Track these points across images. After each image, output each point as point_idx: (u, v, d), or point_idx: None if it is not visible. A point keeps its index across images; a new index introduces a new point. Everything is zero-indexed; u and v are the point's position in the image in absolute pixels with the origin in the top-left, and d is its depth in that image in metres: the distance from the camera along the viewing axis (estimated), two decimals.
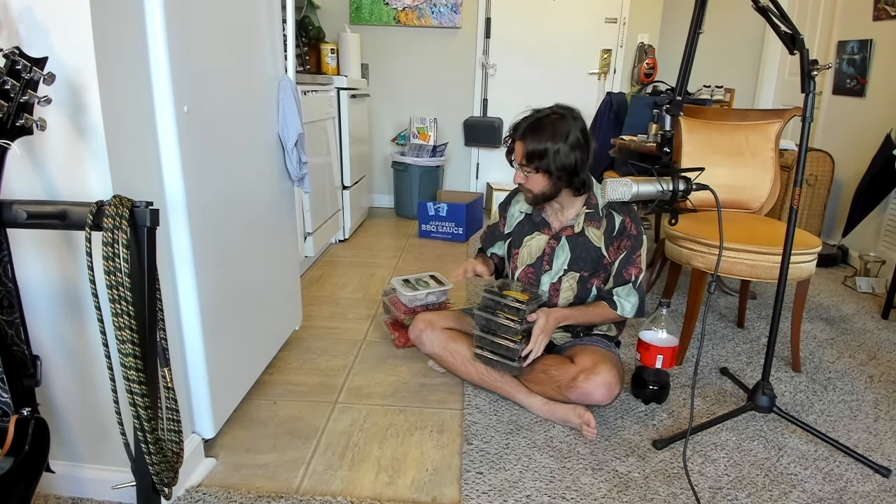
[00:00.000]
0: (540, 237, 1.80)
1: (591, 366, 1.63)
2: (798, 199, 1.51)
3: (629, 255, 1.74)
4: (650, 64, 4.20)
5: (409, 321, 2.13)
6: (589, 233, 1.75)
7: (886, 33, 3.11)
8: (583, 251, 1.75)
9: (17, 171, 1.07)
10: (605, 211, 1.75)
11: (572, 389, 1.64)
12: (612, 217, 1.74)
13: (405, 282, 2.21)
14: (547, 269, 1.79)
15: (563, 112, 1.66)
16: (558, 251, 1.77)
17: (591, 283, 1.78)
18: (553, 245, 1.78)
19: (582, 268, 1.76)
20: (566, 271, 1.77)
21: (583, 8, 4.23)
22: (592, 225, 1.75)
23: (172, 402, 1.12)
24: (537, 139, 1.62)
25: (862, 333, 2.40)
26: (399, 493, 1.40)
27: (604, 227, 1.74)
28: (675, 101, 1.58)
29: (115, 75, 1.07)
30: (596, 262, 1.75)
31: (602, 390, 1.61)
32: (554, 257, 1.78)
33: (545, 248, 1.79)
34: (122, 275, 0.95)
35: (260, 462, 1.48)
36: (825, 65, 1.43)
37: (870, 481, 1.49)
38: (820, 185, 3.23)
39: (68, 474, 1.29)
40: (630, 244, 1.74)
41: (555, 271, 1.78)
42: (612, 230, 1.74)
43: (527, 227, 1.83)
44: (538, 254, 1.80)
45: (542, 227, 1.80)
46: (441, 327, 1.84)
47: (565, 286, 1.79)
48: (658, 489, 1.44)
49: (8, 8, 0.99)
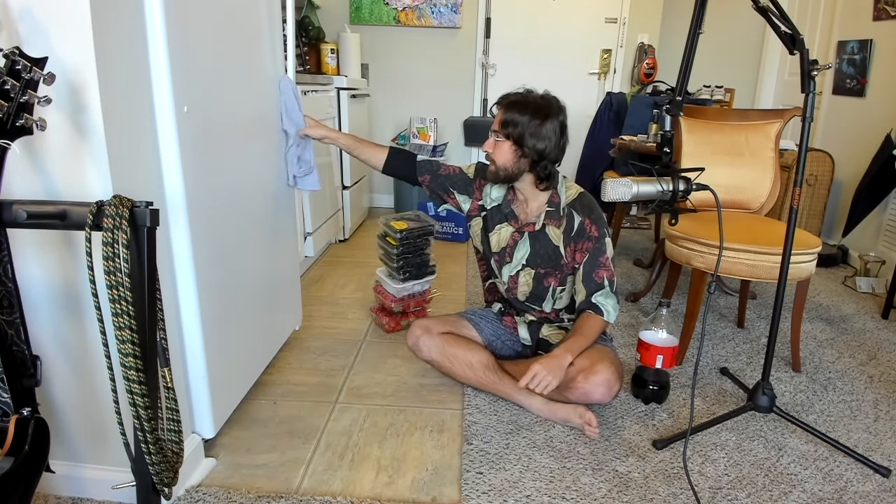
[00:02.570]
0: (507, 228, 1.81)
1: (590, 365, 1.63)
2: (798, 199, 1.51)
3: (593, 257, 1.71)
4: (650, 64, 4.19)
5: (399, 308, 2.24)
6: (549, 231, 1.75)
7: (886, 33, 3.11)
8: (541, 248, 1.76)
9: (17, 171, 1.07)
10: (566, 210, 1.74)
11: (572, 390, 1.64)
12: (572, 217, 1.74)
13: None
14: (508, 260, 1.82)
15: (550, 99, 1.68)
16: (520, 244, 1.79)
17: (547, 282, 1.79)
18: (516, 238, 1.80)
19: (539, 264, 1.77)
20: (524, 266, 1.79)
21: (583, 8, 4.23)
22: (552, 223, 1.75)
23: (172, 402, 1.12)
24: (518, 109, 1.64)
25: (862, 333, 2.40)
26: (399, 493, 1.40)
27: (563, 226, 1.74)
28: (675, 101, 1.58)
29: (115, 75, 1.07)
30: (553, 260, 1.76)
31: (602, 389, 1.61)
32: (515, 250, 1.80)
33: (509, 241, 1.81)
34: (122, 275, 0.95)
35: (260, 462, 1.48)
36: (825, 65, 1.43)
37: (870, 481, 1.49)
38: (820, 185, 3.24)
39: (68, 474, 1.29)
40: (591, 245, 1.71)
41: (514, 264, 1.81)
42: (570, 230, 1.73)
43: (497, 216, 1.83)
44: (504, 244, 1.82)
45: (510, 218, 1.81)
46: (438, 332, 1.83)
47: (522, 280, 1.81)
48: (658, 489, 1.44)
49: (8, 8, 0.99)
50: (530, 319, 1.88)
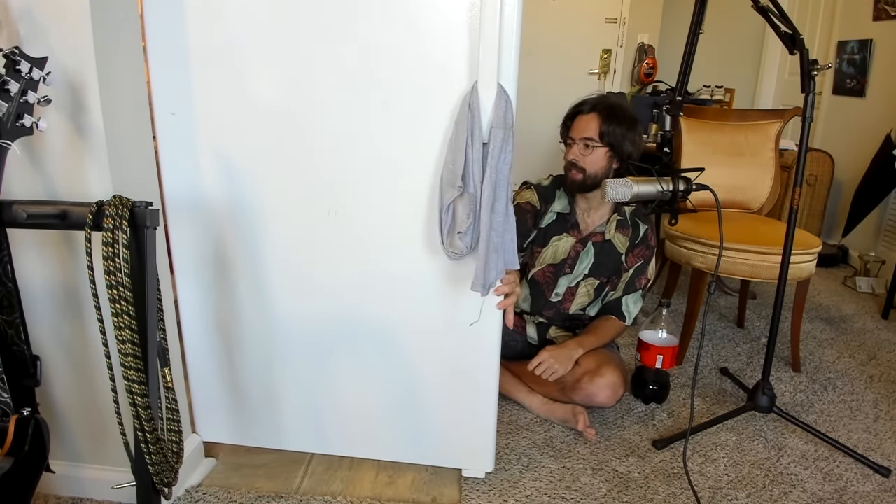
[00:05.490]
0: (567, 239, 1.75)
1: (596, 367, 1.63)
2: (798, 199, 1.51)
3: (644, 265, 1.76)
4: (650, 64, 4.19)
5: None
6: (616, 239, 1.75)
7: (886, 33, 3.11)
8: (606, 258, 1.75)
9: (17, 171, 1.07)
10: (632, 219, 1.76)
11: (577, 391, 1.64)
12: (638, 226, 1.76)
13: None
14: (567, 272, 1.77)
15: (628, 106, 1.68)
16: (582, 256, 1.75)
17: (605, 291, 1.79)
18: (578, 249, 1.76)
19: (602, 274, 1.76)
20: (586, 276, 1.77)
21: (583, 8, 4.23)
22: (621, 232, 1.75)
23: (172, 402, 1.12)
24: (618, 119, 1.63)
25: (862, 333, 2.39)
26: (399, 493, 1.40)
27: (630, 234, 1.76)
28: (675, 101, 1.58)
29: (115, 75, 1.07)
30: (616, 268, 1.76)
31: (607, 392, 1.61)
32: (577, 262, 1.76)
33: (570, 252, 1.76)
34: (122, 275, 0.95)
35: (260, 462, 1.48)
36: (825, 65, 1.43)
37: (870, 481, 1.49)
38: (820, 185, 3.23)
39: (68, 474, 1.29)
40: (647, 254, 1.76)
41: (574, 275, 1.77)
42: (635, 238, 1.76)
43: (556, 226, 1.76)
44: (563, 256, 1.76)
45: (573, 228, 1.75)
46: None
47: (581, 291, 1.78)
48: (658, 489, 1.44)
49: (8, 8, 1.00)
50: (540, 321, 1.87)
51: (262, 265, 1.33)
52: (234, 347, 1.41)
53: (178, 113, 1.24)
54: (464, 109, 1.15)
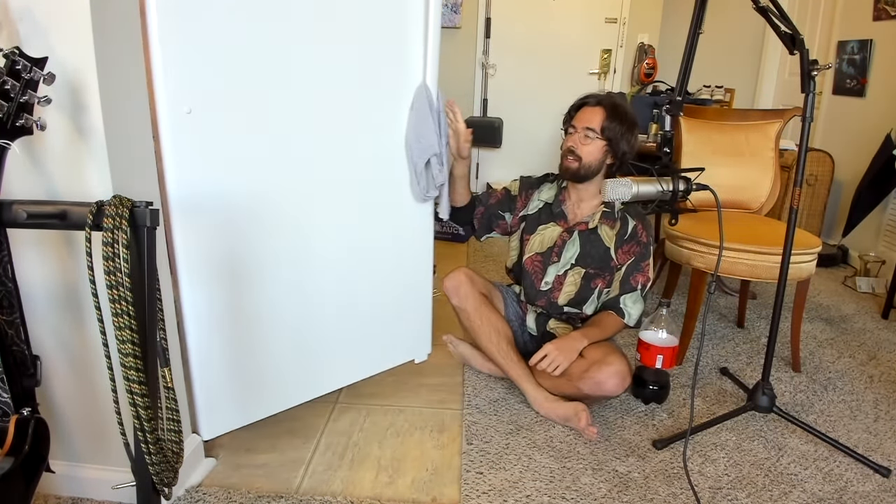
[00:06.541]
0: (554, 228, 1.81)
1: (603, 356, 1.64)
2: (798, 199, 1.51)
3: (637, 261, 1.76)
4: (650, 64, 4.19)
5: None
6: (602, 231, 1.77)
7: (886, 33, 3.11)
8: (592, 248, 1.77)
9: (17, 171, 1.07)
10: (620, 213, 1.78)
11: (585, 380, 1.64)
12: (626, 220, 1.77)
13: None
14: (555, 260, 1.80)
15: (634, 117, 1.77)
16: (569, 244, 1.79)
17: (594, 283, 1.78)
18: (565, 238, 1.79)
19: (589, 264, 1.77)
20: (573, 265, 1.79)
21: (583, 8, 4.23)
22: (607, 224, 1.77)
23: (172, 402, 1.12)
24: (620, 117, 1.71)
25: (862, 333, 2.39)
26: (399, 493, 1.40)
27: (617, 228, 1.76)
28: (675, 101, 1.59)
29: (115, 75, 1.07)
30: (603, 261, 1.77)
31: (616, 380, 1.61)
32: (564, 250, 1.79)
33: (557, 240, 1.80)
34: (122, 275, 0.95)
35: (260, 462, 1.48)
36: (825, 65, 1.43)
37: (870, 481, 1.49)
38: (820, 185, 3.23)
39: (68, 474, 1.29)
40: (639, 251, 1.76)
41: (562, 264, 1.80)
42: (623, 233, 1.76)
43: (544, 215, 1.84)
44: (549, 244, 1.81)
45: (559, 218, 1.81)
46: (479, 290, 1.84)
47: (569, 280, 1.79)
48: (658, 489, 1.44)
49: (8, 8, 0.99)
50: (539, 311, 1.89)
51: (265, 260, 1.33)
52: (242, 334, 1.42)
53: (192, 111, 1.25)
54: (421, 102, 1.72)
